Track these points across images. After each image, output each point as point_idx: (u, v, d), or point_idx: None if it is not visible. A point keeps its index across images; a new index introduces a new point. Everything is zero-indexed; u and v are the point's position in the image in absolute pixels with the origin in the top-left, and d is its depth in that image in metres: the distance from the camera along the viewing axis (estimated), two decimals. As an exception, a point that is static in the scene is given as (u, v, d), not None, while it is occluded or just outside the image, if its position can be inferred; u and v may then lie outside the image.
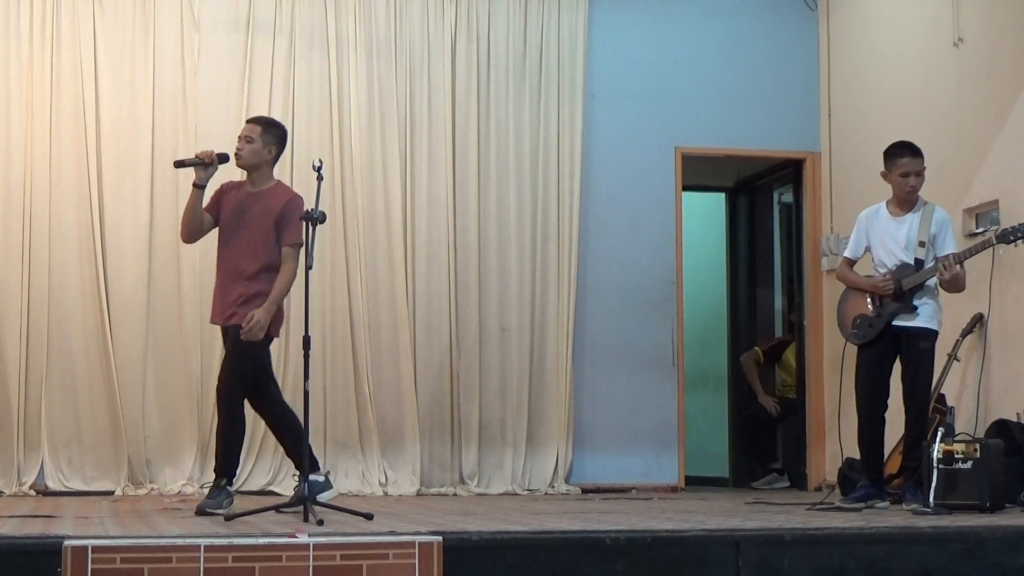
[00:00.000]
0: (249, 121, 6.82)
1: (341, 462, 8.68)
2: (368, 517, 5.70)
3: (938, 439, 6.46)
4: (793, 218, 10.09)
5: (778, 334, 10.59)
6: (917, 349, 6.87)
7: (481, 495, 8.67)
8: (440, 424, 8.91)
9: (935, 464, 6.40)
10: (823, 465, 9.42)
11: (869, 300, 7.03)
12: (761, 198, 10.78)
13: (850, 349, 7.14)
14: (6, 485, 8.18)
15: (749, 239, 10.86)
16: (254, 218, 6.48)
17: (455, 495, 8.67)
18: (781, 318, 10.68)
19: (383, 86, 9.03)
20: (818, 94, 9.73)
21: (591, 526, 5.42)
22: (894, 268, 6.95)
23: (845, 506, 6.83)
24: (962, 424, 7.48)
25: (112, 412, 8.42)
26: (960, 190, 7.99)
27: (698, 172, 10.08)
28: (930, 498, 6.34)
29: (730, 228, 10.97)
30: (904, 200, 7.01)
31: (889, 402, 7.00)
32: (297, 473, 6.55)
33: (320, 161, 6.23)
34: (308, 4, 8.94)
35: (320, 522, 5.43)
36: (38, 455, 8.32)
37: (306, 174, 7.96)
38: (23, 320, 8.34)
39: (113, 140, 8.60)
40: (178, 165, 6.77)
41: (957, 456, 6.48)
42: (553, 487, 8.95)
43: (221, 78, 8.76)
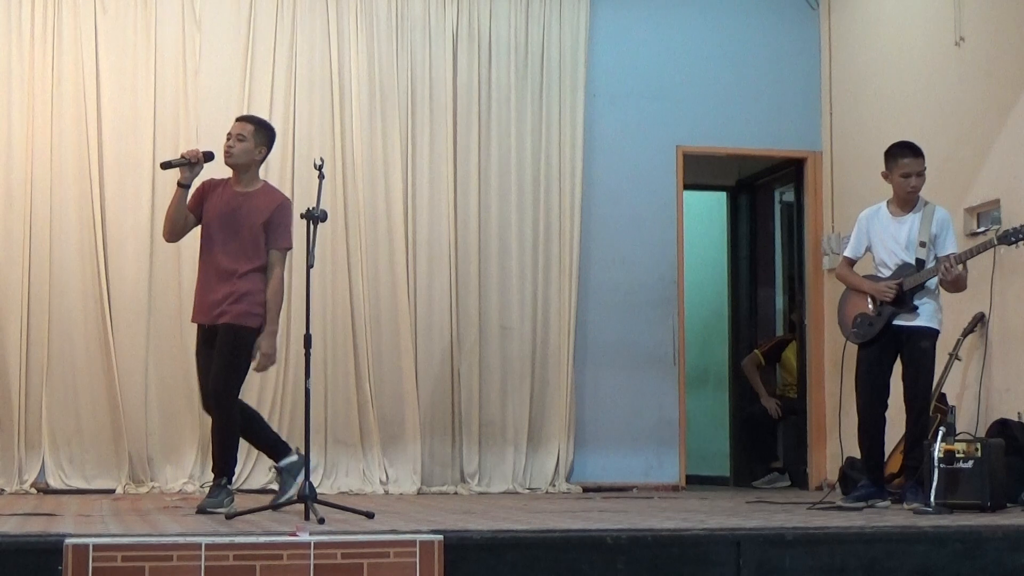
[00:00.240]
0: (240, 119, 6.69)
1: (342, 460, 8.69)
2: (369, 516, 5.69)
3: (939, 438, 6.45)
4: (794, 217, 10.09)
5: (779, 333, 10.59)
6: (918, 348, 6.87)
7: (482, 494, 8.67)
8: (441, 423, 8.91)
9: (936, 463, 6.40)
10: (824, 464, 9.42)
11: (870, 299, 7.02)
12: (762, 197, 10.77)
13: (851, 348, 7.14)
14: (7, 483, 8.17)
15: (750, 238, 10.86)
16: (244, 219, 6.42)
17: (456, 494, 8.67)
18: (782, 317, 10.68)
19: (384, 85, 9.02)
20: (819, 93, 9.73)
21: (592, 525, 5.42)
22: (895, 268, 6.95)
23: (846, 505, 6.83)
24: (963, 423, 7.48)
25: (113, 410, 8.42)
26: (961, 189, 7.98)
27: (699, 171, 10.08)
28: (931, 497, 6.33)
29: (731, 227, 10.97)
30: (905, 200, 7.00)
31: (890, 401, 7.00)
32: (274, 465, 6.57)
33: (321, 159, 6.21)
34: (309, 3, 8.94)
35: (321, 520, 5.43)
36: (39, 453, 8.32)
37: (307, 172, 8.00)
38: (24, 318, 8.34)
39: (114, 139, 8.59)
40: (165, 166, 6.63)
41: (958, 455, 6.47)
42: (554, 486, 8.95)
43: (222, 77, 8.76)
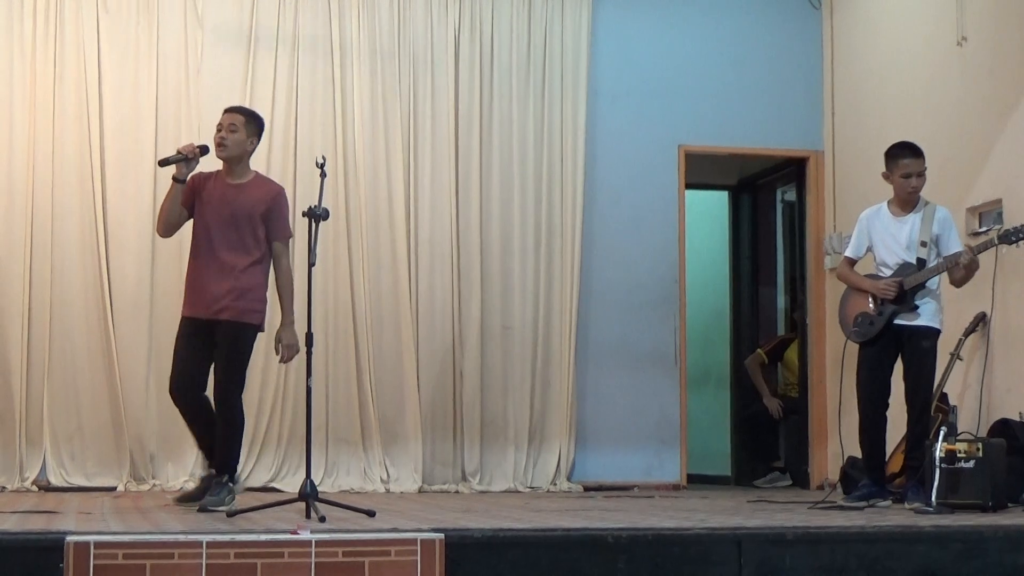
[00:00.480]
0: (230, 111, 6.61)
1: (343, 459, 8.69)
2: (370, 514, 5.70)
3: (940, 438, 6.45)
4: (796, 216, 10.09)
5: (780, 333, 10.58)
6: (919, 348, 6.87)
7: (483, 492, 8.67)
8: (442, 421, 8.91)
9: (937, 463, 6.39)
10: (825, 464, 9.42)
11: (870, 298, 7.02)
12: (764, 196, 10.77)
13: (852, 347, 7.13)
14: (8, 481, 8.18)
15: (752, 237, 10.85)
16: (240, 211, 6.39)
17: (457, 492, 8.67)
18: (783, 316, 10.68)
19: (386, 82, 9.02)
20: (821, 93, 9.72)
21: (593, 524, 5.42)
22: (896, 268, 6.95)
23: (847, 505, 6.83)
24: (964, 423, 7.48)
25: (114, 408, 8.42)
26: (963, 189, 7.98)
27: (701, 170, 10.07)
28: (932, 497, 6.33)
29: (733, 226, 10.97)
30: (906, 200, 7.00)
31: (891, 401, 7.00)
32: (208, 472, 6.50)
33: (323, 157, 6.19)
34: (312, 1, 8.94)
35: (322, 519, 5.44)
36: (40, 451, 8.32)
37: (309, 171, 7.98)
38: (25, 315, 8.33)
39: (116, 137, 8.59)
40: (163, 163, 6.56)
41: (959, 455, 6.47)
42: (555, 485, 8.95)
43: (224, 75, 8.75)
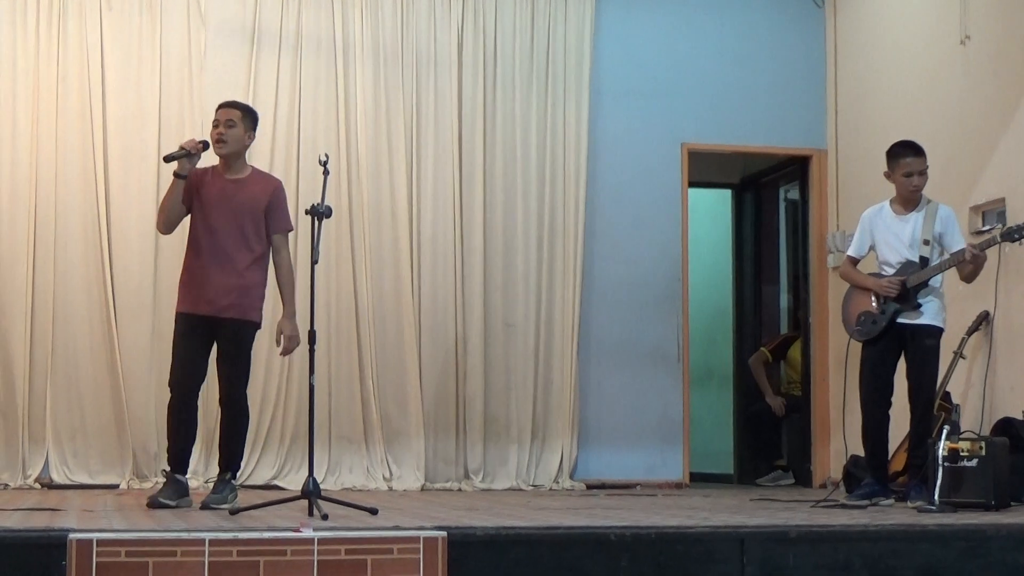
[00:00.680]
0: (226, 106, 6.55)
1: (346, 457, 8.69)
2: (373, 512, 5.70)
3: (943, 437, 6.45)
4: (799, 215, 10.08)
5: (783, 331, 10.58)
6: (922, 346, 6.86)
7: (486, 490, 8.67)
8: (445, 419, 8.91)
9: (940, 462, 6.39)
10: (828, 462, 9.41)
11: (873, 297, 7.02)
12: (767, 195, 10.77)
13: (855, 346, 7.13)
14: (11, 478, 8.18)
15: (755, 236, 10.85)
16: (241, 207, 6.37)
17: (460, 490, 8.67)
18: (787, 315, 10.67)
19: (389, 82, 9.01)
20: (824, 91, 9.72)
21: (596, 522, 5.42)
22: (899, 266, 6.94)
23: (850, 503, 6.82)
24: (967, 422, 7.48)
25: (117, 405, 8.43)
26: (966, 188, 7.98)
27: (704, 169, 10.07)
28: (935, 496, 6.33)
29: (736, 225, 10.96)
30: (908, 199, 6.99)
31: (894, 399, 6.99)
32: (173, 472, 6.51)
33: (326, 155, 6.17)
34: (315, 0, 8.95)
35: (325, 517, 5.43)
36: (43, 448, 8.33)
37: (312, 168, 7.99)
38: (28, 313, 8.34)
39: (119, 135, 8.59)
40: (168, 159, 6.49)
41: (962, 454, 6.46)
42: (558, 483, 8.95)
43: (227, 73, 8.75)
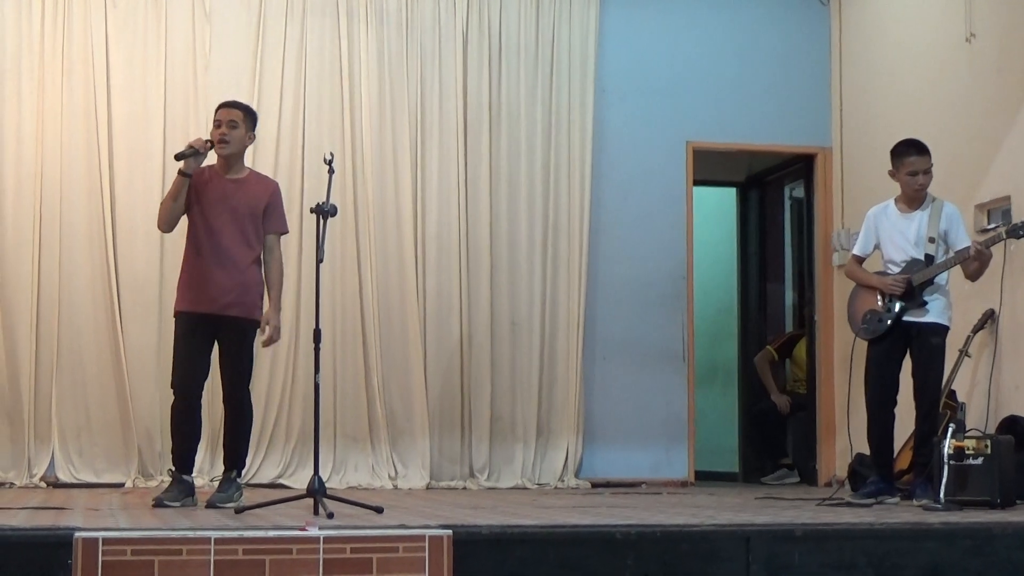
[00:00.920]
0: (227, 106, 6.52)
1: (351, 455, 8.70)
2: (378, 511, 5.70)
3: (949, 435, 6.45)
4: (804, 213, 10.07)
5: (788, 329, 10.57)
6: (928, 344, 6.86)
7: (491, 489, 8.67)
8: (450, 418, 8.91)
9: (945, 460, 6.39)
10: (833, 460, 9.41)
11: (879, 295, 7.01)
12: (772, 193, 10.76)
13: (860, 344, 7.13)
14: (17, 477, 8.19)
15: (760, 234, 10.84)
16: (241, 207, 6.38)
17: (465, 489, 8.67)
18: (791, 313, 10.66)
19: (394, 80, 9.02)
20: (829, 89, 9.71)
21: (601, 520, 5.42)
22: (904, 265, 6.94)
23: (855, 502, 6.82)
24: (973, 420, 7.47)
25: (122, 404, 8.43)
26: (971, 186, 7.97)
27: (709, 167, 10.06)
28: (940, 494, 6.32)
29: (741, 223, 10.95)
30: (913, 198, 6.99)
31: (899, 398, 6.99)
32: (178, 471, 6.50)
33: (331, 154, 6.18)
34: (319, 1, 8.95)
35: (330, 515, 5.44)
36: (49, 447, 8.33)
37: (317, 167, 7.99)
38: (34, 312, 8.35)
39: (124, 132, 8.60)
40: (179, 157, 6.44)
41: (968, 452, 6.46)
42: (563, 481, 8.95)
43: (232, 71, 8.75)
